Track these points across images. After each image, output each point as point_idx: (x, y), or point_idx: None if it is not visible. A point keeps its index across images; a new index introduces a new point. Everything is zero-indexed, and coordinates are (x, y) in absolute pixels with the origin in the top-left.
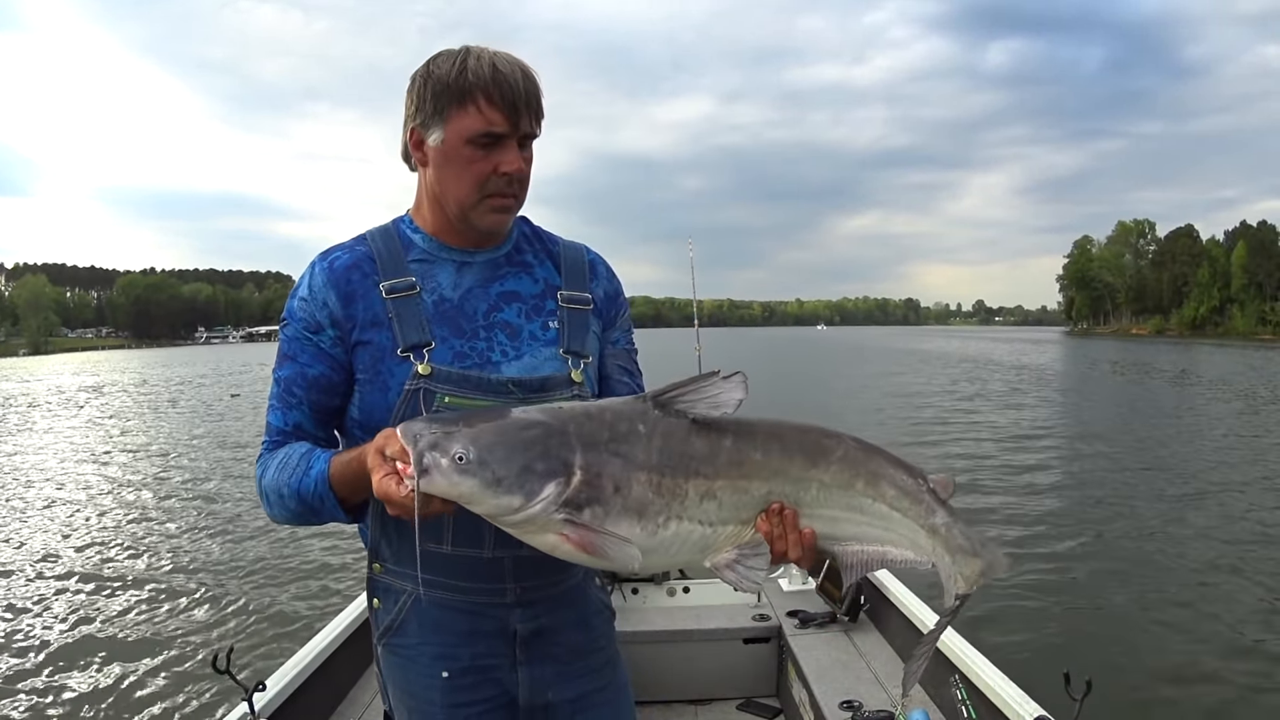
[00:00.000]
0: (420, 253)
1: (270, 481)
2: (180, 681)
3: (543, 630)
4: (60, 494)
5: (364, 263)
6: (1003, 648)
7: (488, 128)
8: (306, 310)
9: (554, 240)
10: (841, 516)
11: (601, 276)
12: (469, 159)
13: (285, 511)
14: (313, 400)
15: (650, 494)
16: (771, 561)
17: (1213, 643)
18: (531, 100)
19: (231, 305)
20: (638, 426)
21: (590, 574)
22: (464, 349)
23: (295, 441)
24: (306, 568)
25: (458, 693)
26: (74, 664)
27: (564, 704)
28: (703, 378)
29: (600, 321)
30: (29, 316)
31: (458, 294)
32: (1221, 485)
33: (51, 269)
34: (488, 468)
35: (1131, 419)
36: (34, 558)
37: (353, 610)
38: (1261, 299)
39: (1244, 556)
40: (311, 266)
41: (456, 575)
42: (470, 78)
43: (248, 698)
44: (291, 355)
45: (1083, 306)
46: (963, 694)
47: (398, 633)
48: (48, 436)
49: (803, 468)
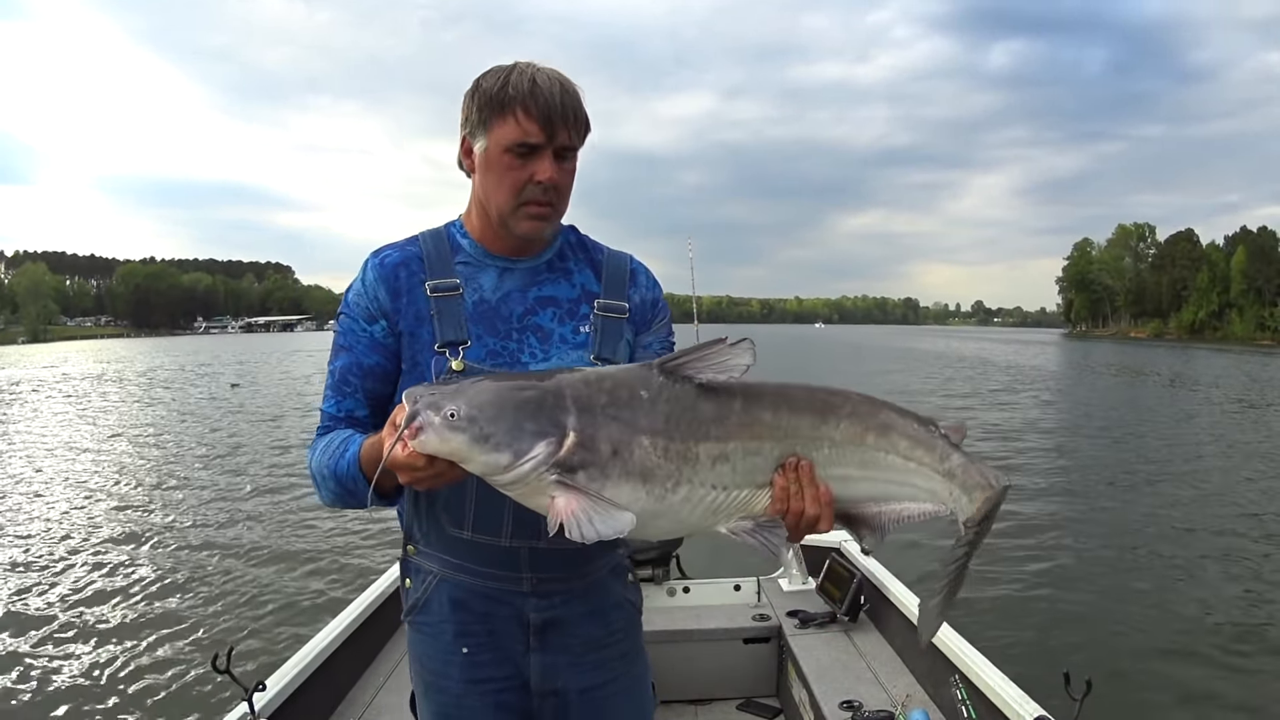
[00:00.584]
0: (467, 256)
1: (315, 464)
2: (180, 681)
3: (557, 621)
4: (58, 491)
5: (412, 261)
6: (1003, 648)
7: (524, 138)
8: (360, 303)
9: (599, 249)
10: (856, 474)
11: (641, 284)
12: (508, 166)
13: (329, 493)
14: (367, 388)
15: (657, 458)
16: (788, 518)
17: (1213, 642)
18: (568, 113)
19: (231, 295)
20: (640, 392)
21: (617, 570)
22: (497, 348)
23: (346, 428)
24: (307, 568)
25: (474, 669)
26: (74, 663)
27: (573, 693)
28: (709, 344)
29: (634, 328)
30: (28, 304)
31: (497, 296)
32: (1222, 486)
33: (51, 257)
34: (477, 424)
35: (1130, 420)
36: (32, 557)
37: (353, 610)
38: (1260, 304)
39: (1245, 556)
40: (365, 263)
41: (476, 560)
42: (510, 90)
43: (248, 698)
44: (347, 346)
45: (1082, 309)
46: (963, 694)
47: (422, 610)
48: (44, 428)
49: (813, 426)
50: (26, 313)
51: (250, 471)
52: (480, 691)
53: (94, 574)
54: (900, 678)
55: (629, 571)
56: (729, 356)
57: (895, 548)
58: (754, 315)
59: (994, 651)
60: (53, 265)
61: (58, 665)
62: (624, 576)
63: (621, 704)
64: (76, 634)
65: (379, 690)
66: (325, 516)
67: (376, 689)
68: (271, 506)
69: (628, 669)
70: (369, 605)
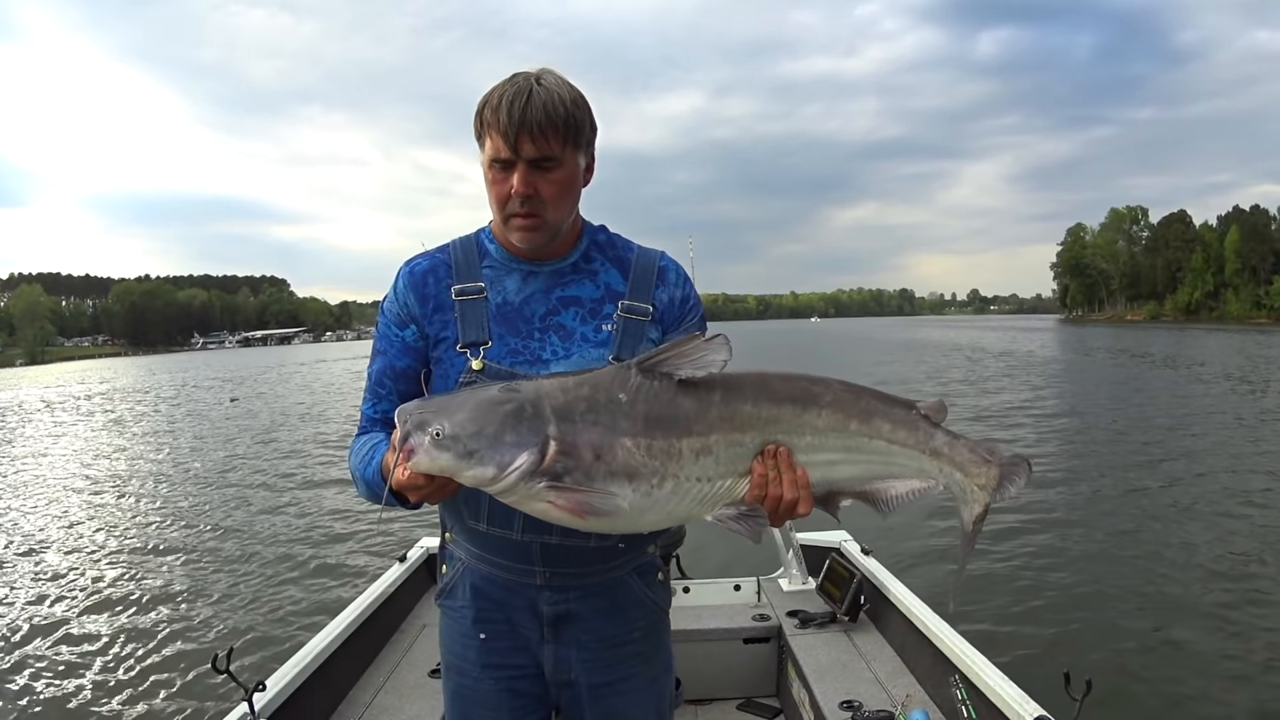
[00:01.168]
0: (493, 260)
1: (351, 466)
2: (180, 681)
3: (570, 615)
4: (61, 497)
5: (440, 268)
6: (1003, 648)
7: (496, 154)
8: (393, 310)
9: (629, 247)
10: (840, 459)
11: (670, 282)
12: (492, 181)
13: (362, 493)
14: (401, 390)
15: (640, 457)
16: (767, 504)
17: (1214, 641)
18: (532, 126)
19: (227, 310)
20: (618, 395)
21: (644, 569)
22: (518, 346)
23: (381, 429)
24: (307, 569)
25: (492, 654)
26: (74, 664)
27: (585, 686)
28: (684, 340)
29: (662, 326)
30: (25, 326)
31: (520, 298)
32: (1225, 478)
33: (46, 278)
34: (460, 441)
35: (1128, 409)
36: (34, 560)
37: (353, 611)
38: (1255, 283)
39: (1246, 555)
40: (399, 271)
41: (493, 552)
42: (487, 110)
43: (248, 698)
44: (382, 350)
45: (1077, 294)
46: (963, 694)
47: (449, 595)
48: (46, 441)
49: (794, 414)
50: (24, 334)
51: (249, 477)
52: (495, 677)
53: (95, 577)
54: (900, 678)
55: (658, 571)
56: (706, 352)
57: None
58: (750, 312)
59: (994, 651)
60: (48, 286)
61: (60, 666)
62: (650, 576)
63: (634, 702)
64: (78, 635)
65: (379, 690)
66: (325, 518)
67: (376, 689)
68: (271, 509)
69: (644, 668)
70: (369, 606)
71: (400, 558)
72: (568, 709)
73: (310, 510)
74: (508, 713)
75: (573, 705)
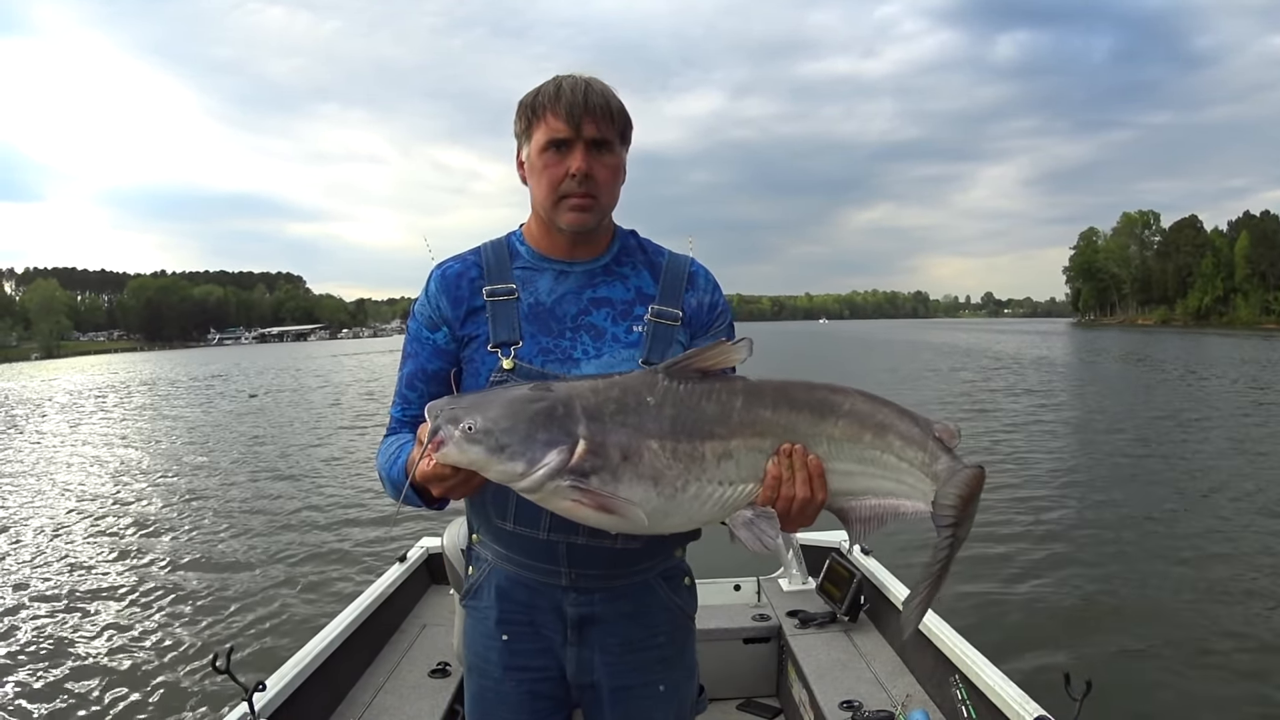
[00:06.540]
0: (524, 261)
1: (379, 466)
2: (180, 681)
3: (595, 617)
4: (63, 493)
5: (472, 270)
6: (1003, 648)
7: (552, 135)
8: (424, 312)
9: (660, 252)
10: (855, 470)
11: (699, 288)
12: (545, 165)
13: (387, 491)
14: (431, 392)
15: (666, 459)
16: (779, 504)
17: (1214, 641)
18: (593, 108)
19: (242, 306)
20: (646, 398)
21: (670, 573)
22: (549, 345)
23: (409, 431)
24: (307, 568)
25: (514, 656)
26: (74, 663)
27: (607, 690)
28: (710, 346)
29: (691, 331)
30: (40, 320)
31: (552, 298)
32: (1227, 479)
33: (62, 273)
34: (492, 436)
35: (1133, 412)
36: (35, 557)
37: (353, 611)
38: (1265, 289)
39: (1246, 554)
40: (430, 275)
41: (519, 552)
42: (540, 98)
43: (248, 698)
44: (412, 354)
45: (1089, 298)
46: (963, 694)
47: (474, 595)
48: (54, 437)
49: (812, 423)
50: (39, 329)
51: (253, 475)
52: (517, 679)
53: (96, 575)
54: (900, 678)
55: (684, 575)
56: (730, 354)
57: (895, 548)
58: (764, 313)
59: (994, 651)
60: (64, 281)
61: (60, 664)
62: (677, 580)
63: (654, 707)
64: (79, 634)
65: (379, 690)
66: (325, 518)
67: (376, 689)
68: (272, 509)
69: (667, 673)
70: (369, 606)
71: (400, 557)
72: (588, 711)
73: (310, 510)
74: (529, 715)
75: (594, 708)
